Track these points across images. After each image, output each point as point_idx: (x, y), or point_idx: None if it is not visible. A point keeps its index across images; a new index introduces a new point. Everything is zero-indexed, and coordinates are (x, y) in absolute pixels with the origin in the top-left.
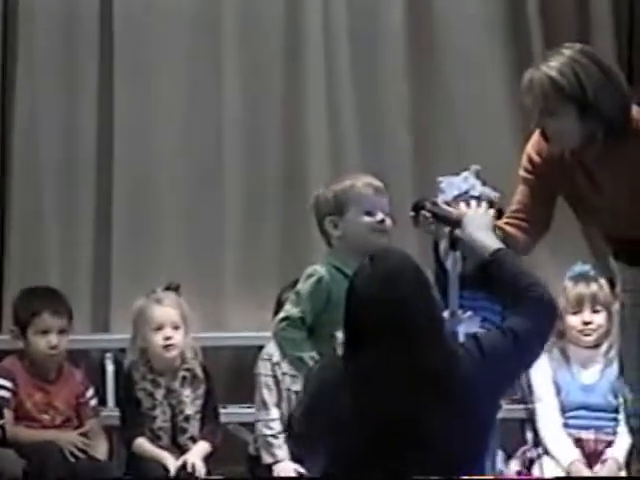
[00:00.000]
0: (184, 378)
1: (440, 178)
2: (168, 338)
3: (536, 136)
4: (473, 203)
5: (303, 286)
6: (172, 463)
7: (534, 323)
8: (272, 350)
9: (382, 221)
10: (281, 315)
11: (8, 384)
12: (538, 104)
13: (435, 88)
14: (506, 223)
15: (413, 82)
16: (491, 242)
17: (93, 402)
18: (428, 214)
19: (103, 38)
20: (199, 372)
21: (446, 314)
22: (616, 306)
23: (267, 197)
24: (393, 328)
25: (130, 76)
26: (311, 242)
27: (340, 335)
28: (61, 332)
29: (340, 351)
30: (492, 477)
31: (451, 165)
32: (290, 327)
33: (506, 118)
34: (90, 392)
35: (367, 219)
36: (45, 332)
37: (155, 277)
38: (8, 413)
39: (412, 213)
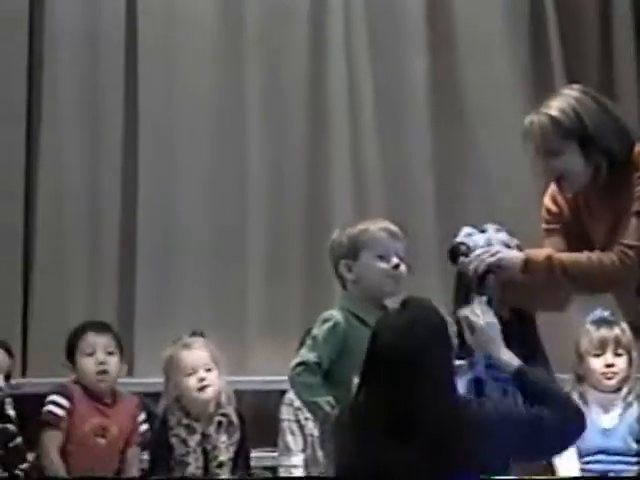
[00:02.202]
0: (220, 424)
1: (459, 239)
2: (202, 379)
3: (551, 188)
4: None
5: (319, 331)
6: None
7: (560, 421)
8: (294, 395)
9: (396, 266)
10: (297, 360)
11: (65, 402)
12: (540, 146)
13: (458, 135)
14: None
15: (436, 129)
16: (508, 358)
17: (143, 427)
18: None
19: (128, 103)
20: (234, 418)
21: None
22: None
23: (290, 242)
24: (403, 377)
25: (154, 137)
26: (333, 288)
27: (331, 399)
28: (109, 353)
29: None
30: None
31: (475, 211)
32: (305, 372)
33: (529, 163)
34: (142, 416)
35: (381, 264)
36: (91, 353)
37: (178, 323)
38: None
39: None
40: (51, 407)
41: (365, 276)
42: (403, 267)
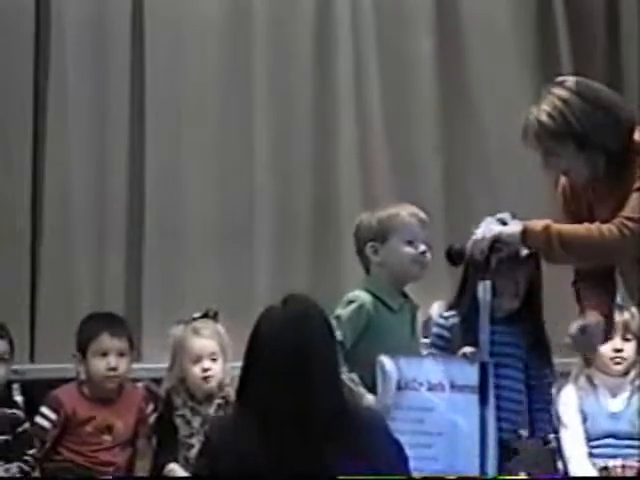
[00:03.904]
0: (219, 406)
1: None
2: (206, 370)
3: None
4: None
5: (344, 311)
6: None
7: None
8: None
9: (423, 252)
10: None
11: (52, 415)
12: (537, 148)
13: (466, 123)
14: None
15: (444, 117)
16: None
17: (153, 418)
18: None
19: (134, 94)
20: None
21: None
22: None
23: (298, 228)
24: (292, 371)
25: (161, 129)
26: (341, 274)
27: (354, 376)
28: (121, 355)
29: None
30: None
31: (482, 200)
32: None
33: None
34: (150, 407)
35: (409, 249)
36: (104, 354)
37: (186, 309)
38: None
39: (447, 259)
40: (39, 419)
41: (392, 260)
42: (429, 254)
